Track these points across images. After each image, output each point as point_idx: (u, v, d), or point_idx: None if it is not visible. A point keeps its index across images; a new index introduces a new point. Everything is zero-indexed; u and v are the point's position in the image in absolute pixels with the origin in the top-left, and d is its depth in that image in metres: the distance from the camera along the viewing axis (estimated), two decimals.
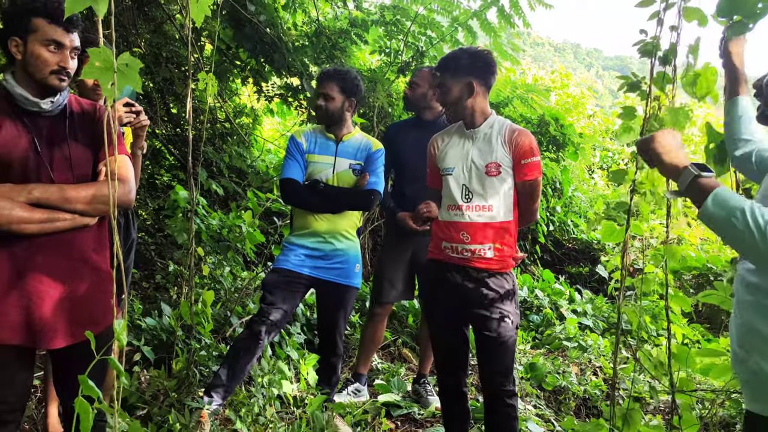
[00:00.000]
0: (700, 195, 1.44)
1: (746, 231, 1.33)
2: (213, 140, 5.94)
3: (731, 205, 1.37)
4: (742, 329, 1.56)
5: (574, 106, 10.76)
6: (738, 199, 1.38)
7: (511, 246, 2.72)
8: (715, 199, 1.41)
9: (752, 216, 1.33)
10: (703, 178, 1.46)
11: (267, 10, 5.07)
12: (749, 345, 1.52)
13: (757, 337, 1.49)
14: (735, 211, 1.36)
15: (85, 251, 1.93)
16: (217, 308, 3.88)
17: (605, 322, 5.60)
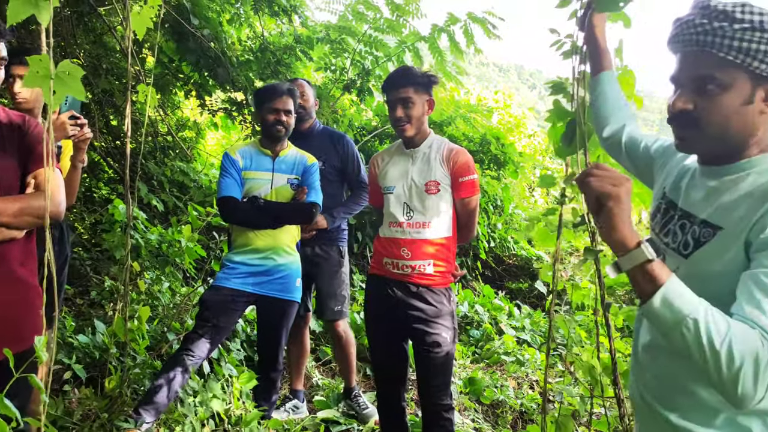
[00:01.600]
0: (647, 285, 1.16)
1: (696, 348, 1.10)
2: (154, 154, 5.85)
3: (683, 311, 1.11)
4: (665, 382, 1.38)
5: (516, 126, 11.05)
6: (691, 302, 1.13)
7: (451, 262, 2.78)
8: (664, 298, 1.14)
9: (706, 332, 1.09)
10: (655, 265, 1.16)
11: (211, 24, 5.06)
12: (670, 400, 1.36)
13: (676, 389, 1.34)
14: (687, 320, 1.10)
15: (11, 264, 1.88)
16: (154, 324, 3.80)
17: (543, 336, 5.74)
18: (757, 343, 1.07)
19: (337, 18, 5.55)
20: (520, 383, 4.64)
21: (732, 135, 1.26)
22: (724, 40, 1.20)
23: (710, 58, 1.23)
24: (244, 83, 5.36)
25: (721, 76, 1.23)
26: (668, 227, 1.43)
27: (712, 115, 1.25)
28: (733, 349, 1.07)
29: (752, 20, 1.19)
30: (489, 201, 7.12)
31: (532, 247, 7.81)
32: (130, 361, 3.09)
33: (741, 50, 1.19)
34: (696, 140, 1.31)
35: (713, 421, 1.27)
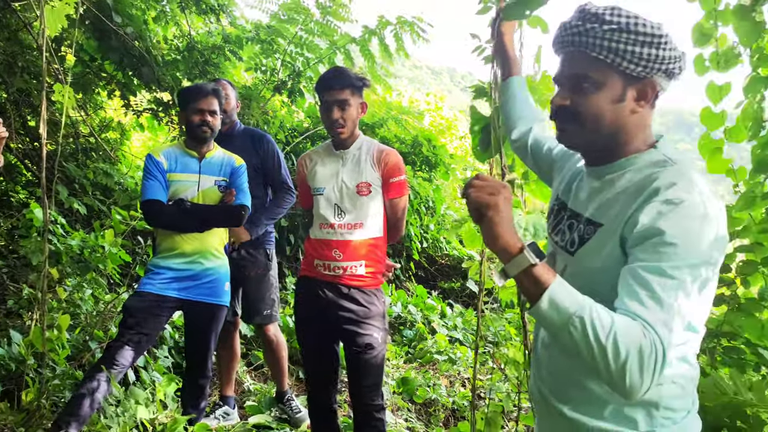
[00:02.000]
0: (533, 288, 1.19)
1: (584, 345, 1.14)
2: (75, 155, 5.62)
3: (569, 310, 1.15)
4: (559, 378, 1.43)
5: (447, 128, 11.21)
6: (576, 301, 1.16)
7: (382, 262, 2.80)
8: (550, 300, 1.17)
9: (592, 328, 1.12)
10: (539, 268, 1.19)
11: (135, 22, 4.90)
12: (563, 394, 1.41)
13: (568, 382, 1.39)
14: (573, 319, 1.14)
15: None
16: (76, 333, 3.65)
17: (474, 334, 5.84)
18: (640, 335, 1.12)
19: (268, 17, 5.49)
20: (453, 381, 4.71)
21: (606, 131, 1.34)
22: (595, 41, 1.27)
23: (584, 58, 1.30)
24: (170, 83, 5.22)
25: (594, 75, 1.30)
26: (559, 227, 1.49)
27: (587, 111, 1.32)
28: (618, 342, 1.11)
29: (620, 22, 1.26)
30: (421, 202, 7.20)
31: (464, 247, 7.94)
32: (49, 373, 2.96)
33: (611, 50, 1.27)
34: (574, 133, 1.37)
35: (602, 413, 1.33)
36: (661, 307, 1.14)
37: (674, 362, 1.29)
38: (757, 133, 2.47)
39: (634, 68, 1.28)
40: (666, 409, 1.29)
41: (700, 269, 1.18)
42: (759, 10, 2.39)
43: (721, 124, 2.49)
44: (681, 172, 1.25)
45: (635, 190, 1.28)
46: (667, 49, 1.28)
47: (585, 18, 1.30)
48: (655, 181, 1.25)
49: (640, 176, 1.30)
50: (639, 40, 1.26)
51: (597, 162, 1.41)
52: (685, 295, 1.16)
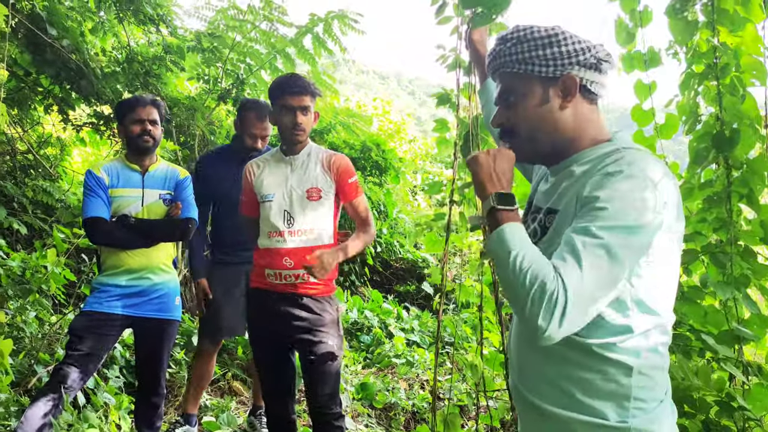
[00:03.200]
0: (492, 228, 1.33)
1: (511, 275, 1.23)
2: (13, 173, 5.43)
3: (510, 246, 1.26)
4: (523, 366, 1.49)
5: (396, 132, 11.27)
6: (515, 241, 1.27)
7: (334, 269, 2.78)
8: (498, 235, 1.30)
9: (518, 259, 1.23)
10: (499, 211, 1.33)
11: (71, 34, 4.76)
12: (529, 382, 1.46)
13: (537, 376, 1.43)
14: (511, 253, 1.25)
15: None
16: (20, 358, 3.51)
17: (431, 336, 5.88)
18: (550, 276, 1.19)
19: (206, 25, 5.41)
20: (412, 384, 4.72)
21: (543, 134, 1.43)
22: (505, 58, 1.41)
23: (505, 77, 1.44)
24: (111, 96, 5.08)
25: (516, 87, 1.42)
26: (526, 223, 1.55)
27: (520, 122, 1.43)
28: (530, 273, 1.20)
29: (518, 35, 1.40)
30: (373, 207, 7.21)
31: (418, 250, 7.99)
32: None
33: (519, 61, 1.39)
34: (519, 146, 1.47)
35: (572, 404, 1.35)
36: (577, 261, 1.19)
37: (642, 352, 1.31)
38: (692, 127, 2.57)
39: (546, 69, 1.37)
40: (636, 399, 1.31)
41: (634, 233, 1.21)
42: (692, 10, 2.49)
43: (650, 120, 2.58)
44: (629, 154, 1.31)
45: (584, 174, 1.35)
46: (568, 44, 1.37)
47: (496, 43, 1.44)
48: (603, 164, 1.32)
49: (592, 164, 1.36)
50: (539, 44, 1.37)
51: (554, 161, 1.48)
52: (608, 255, 1.19)
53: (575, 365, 1.34)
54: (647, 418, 1.31)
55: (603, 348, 1.30)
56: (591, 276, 1.18)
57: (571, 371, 1.35)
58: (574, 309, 1.17)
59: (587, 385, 1.33)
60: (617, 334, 1.29)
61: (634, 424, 1.30)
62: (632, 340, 1.29)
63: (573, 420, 1.34)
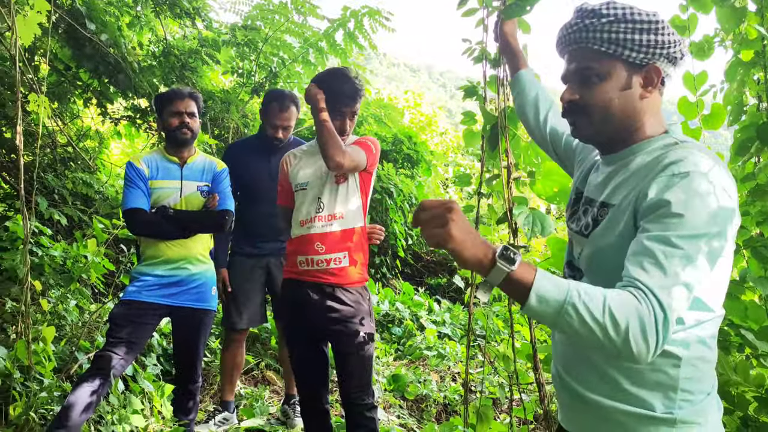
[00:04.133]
0: (519, 291, 1.18)
1: (584, 329, 1.14)
2: (54, 166, 5.55)
3: (559, 300, 1.15)
4: (568, 356, 1.46)
5: (427, 125, 11.24)
6: (563, 289, 1.16)
7: (365, 254, 2.80)
8: (538, 296, 1.16)
9: (587, 310, 1.13)
10: (517, 272, 1.17)
11: (109, 29, 4.85)
12: (574, 372, 1.44)
13: (583, 366, 1.41)
14: (565, 308, 1.14)
15: None
16: (61, 345, 3.61)
17: (462, 329, 5.87)
18: (635, 303, 1.14)
19: (241, 19, 5.47)
20: (443, 376, 4.72)
21: (616, 119, 1.38)
22: (596, 34, 1.34)
23: (588, 52, 1.37)
24: (147, 89, 5.17)
25: (598, 66, 1.36)
26: (575, 215, 1.53)
27: (595, 102, 1.37)
28: (615, 316, 1.13)
29: (616, 13, 1.33)
30: (404, 199, 7.21)
31: None
32: (36, 386, 2.92)
33: (611, 41, 1.33)
34: (585, 126, 1.42)
35: (617, 394, 1.33)
36: (663, 273, 1.16)
37: (691, 344, 1.29)
38: (737, 118, 2.51)
39: (636, 55, 1.33)
40: (683, 391, 1.30)
41: (706, 240, 1.20)
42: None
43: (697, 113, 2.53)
44: (689, 150, 1.29)
45: (645, 169, 1.32)
46: (665, 34, 1.33)
47: (584, 15, 1.37)
48: (664, 160, 1.29)
49: (650, 157, 1.34)
50: (637, 27, 1.32)
51: (611, 150, 1.45)
52: (689, 264, 1.18)
53: None
54: (693, 410, 1.30)
55: None
56: (678, 288, 1.16)
57: (617, 360, 1.33)
58: (670, 321, 1.15)
59: (634, 375, 1.31)
60: None
61: (680, 415, 1.28)
62: (683, 332, 1.28)
63: (617, 410, 1.33)
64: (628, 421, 1.32)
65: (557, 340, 1.54)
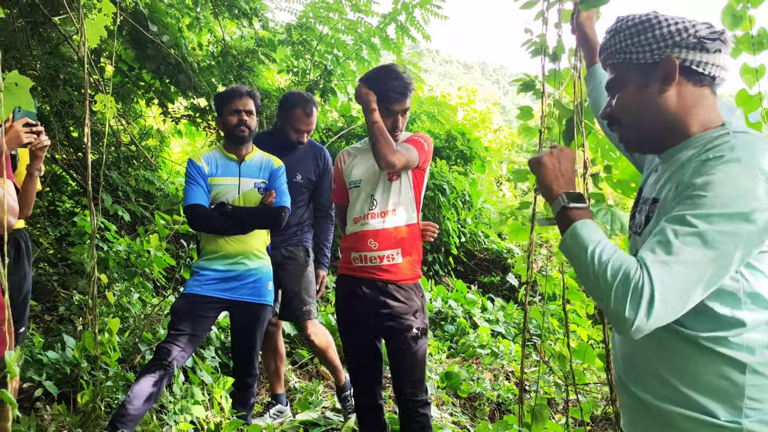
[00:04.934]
0: (564, 226, 1.37)
1: (589, 270, 1.23)
2: (118, 164, 5.77)
3: (584, 242, 1.28)
4: (628, 359, 1.45)
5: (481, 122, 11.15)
6: (591, 236, 1.29)
7: (419, 250, 2.80)
8: (572, 232, 1.33)
9: (596, 254, 1.24)
10: (570, 210, 1.37)
11: (170, 31, 5.00)
12: (633, 375, 1.42)
13: (643, 369, 1.39)
14: (586, 247, 1.26)
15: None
16: (125, 336, 3.75)
17: (516, 328, 5.81)
18: (634, 266, 1.17)
19: (296, 18, 5.54)
20: (496, 375, 4.69)
21: (645, 119, 1.40)
22: (609, 51, 1.43)
23: (610, 68, 1.46)
24: (206, 89, 5.31)
25: (616, 77, 1.44)
26: (634, 216, 1.52)
27: (621, 110, 1.44)
28: (612, 266, 1.19)
29: (617, 27, 1.42)
30: (458, 197, 7.17)
31: (503, 241, 7.88)
32: (102, 375, 3.04)
33: (618, 51, 1.40)
34: (624, 134, 1.48)
35: (679, 399, 1.29)
36: (667, 251, 1.16)
37: (757, 349, 1.23)
38: None
39: (642, 56, 1.36)
40: (751, 399, 1.24)
41: (738, 220, 1.15)
42: None
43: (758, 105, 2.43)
44: (737, 138, 1.25)
45: (689, 160, 1.30)
46: (662, 27, 1.34)
47: (604, 38, 1.47)
48: (708, 148, 1.27)
49: (696, 150, 1.31)
50: (633, 31, 1.37)
51: (662, 149, 1.45)
52: (701, 242, 1.15)
53: (685, 359, 1.29)
54: (763, 421, 1.23)
55: (714, 342, 1.24)
56: (681, 266, 1.14)
57: (680, 365, 1.30)
58: (663, 300, 1.13)
59: (697, 381, 1.27)
60: (729, 328, 1.23)
61: (747, 425, 1.23)
62: (746, 335, 1.23)
63: (680, 416, 1.29)
64: (690, 427, 1.28)
65: (619, 344, 1.51)
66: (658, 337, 1.25)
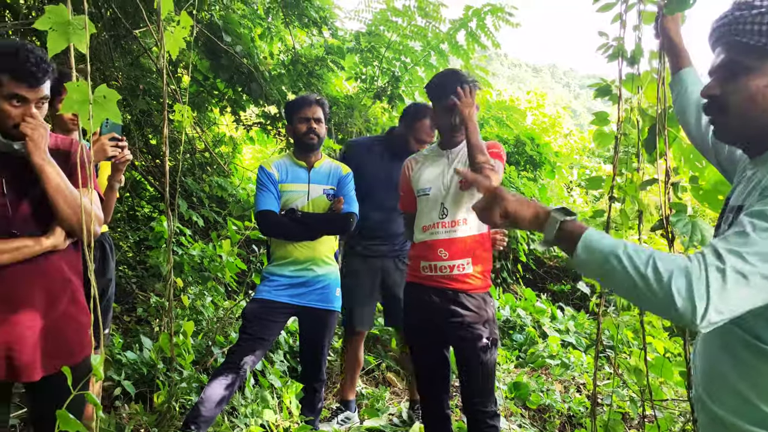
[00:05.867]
0: (570, 242, 1.28)
1: (627, 280, 1.15)
2: (193, 170, 5.96)
3: (604, 251, 1.20)
4: (706, 374, 1.38)
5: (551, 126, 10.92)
6: (609, 242, 1.21)
7: (489, 260, 2.75)
8: (585, 244, 1.24)
9: (629, 260, 1.15)
10: (569, 223, 1.30)
11: (243, 41, 5.13)
12: (712, 391, 1.35)
13: (724, 386, 1.32)
14: (609, 258, 1.18)
15: (62, 279, 1.94)
16: (199, 339, 3.86)
17: (588, 338, 5.64)
18: (683, 260, 1.11)
19: (365, 27, 5.58)
20: (567, 387, 4.56)
21: (757, 116, 1.28)
22: (745, 26, 1.26)
23: (737, 46, 1.29)
24: (277, 97, 5.42)
25: (746, 60, 1.28)
26: (720, 224, 1.45)
27: (737, 97, 1.30)
28: (658, 266, 1.12)
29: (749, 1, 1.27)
30: None
31: None
32: (177, 376, 3.14)
33: (762, 34, 1.24)
34: (723, 124, 1.35)
35: (762, 420, 1.23)
36: (742, 241, 1.10)
37: None
38: None
39: None
40: None
41: None
42: None
43: None
44: None
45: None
46: None
47: (734, 7, 1.31)
48: None
49: None
50: None
51: (757, 153, 1.35)
52: None
53: (763, 375, 1.22)
54: None
55: None
56: (756, 257, 1.08)
57: (763, 383, 1.22)
58: (734, 287, 1.07)
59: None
60: None
61: None
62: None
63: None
64: None
65: (699, 360, 1.44)
66: (736, 351, 1.20)
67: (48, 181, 1.83)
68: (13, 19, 4.53)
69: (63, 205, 1.85)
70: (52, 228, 1.90)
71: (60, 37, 1.44)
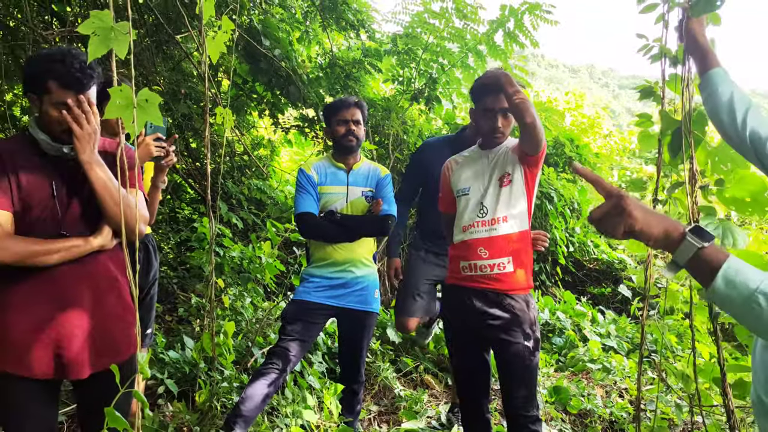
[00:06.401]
0: (706, 272, 1.12)
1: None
2: (232, 173, 6.04)
3: (749, 287, 1.06)
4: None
5: (590, 127, 10.76)
6: (755, 276, 1.07)
7: (529, 259, 2.72)
8: (726, 279, 1.09)
9: None
10: (708, 250, 1.12)
11: (281, 44, 5.19)
12: None
13: None
14: (755, 295, 1.05)
15: (109, 278, 1.98)
16: (239, 339, 3.90)
17: (629, 342, 5.53)
18: None
19: (402, 29, 5.58)
20: (608, 391, 4.48)
21: None
22: None
23: None
24: (314, 100, 5.46)
25: None
26: None
27: None
28: None
29: None
30: (566, 204, 6.95)
31: (614, 251, 7.55)
32: (218, 375, 3.18)
33: None
34: None
35: None
36: None
37: None
38: None
39: None
40: None
41: None
42: None
43: None
44: None
45: None
46: None
47: None
48: None
49: None
50: None
51: None
52: None
53: None
54: None
55: None
56: None
57: None
58: None
59: None
60: None
61: None
62: None
63: None
64: None
65: (758, 362, 1.38)
66: None
67: (95, 179, 1.88)
68: (59, 27, 4.66)
69: (110, 203, 1.90)
70: (100, 228, 1.95)
71: (101, 43, 1.46)
